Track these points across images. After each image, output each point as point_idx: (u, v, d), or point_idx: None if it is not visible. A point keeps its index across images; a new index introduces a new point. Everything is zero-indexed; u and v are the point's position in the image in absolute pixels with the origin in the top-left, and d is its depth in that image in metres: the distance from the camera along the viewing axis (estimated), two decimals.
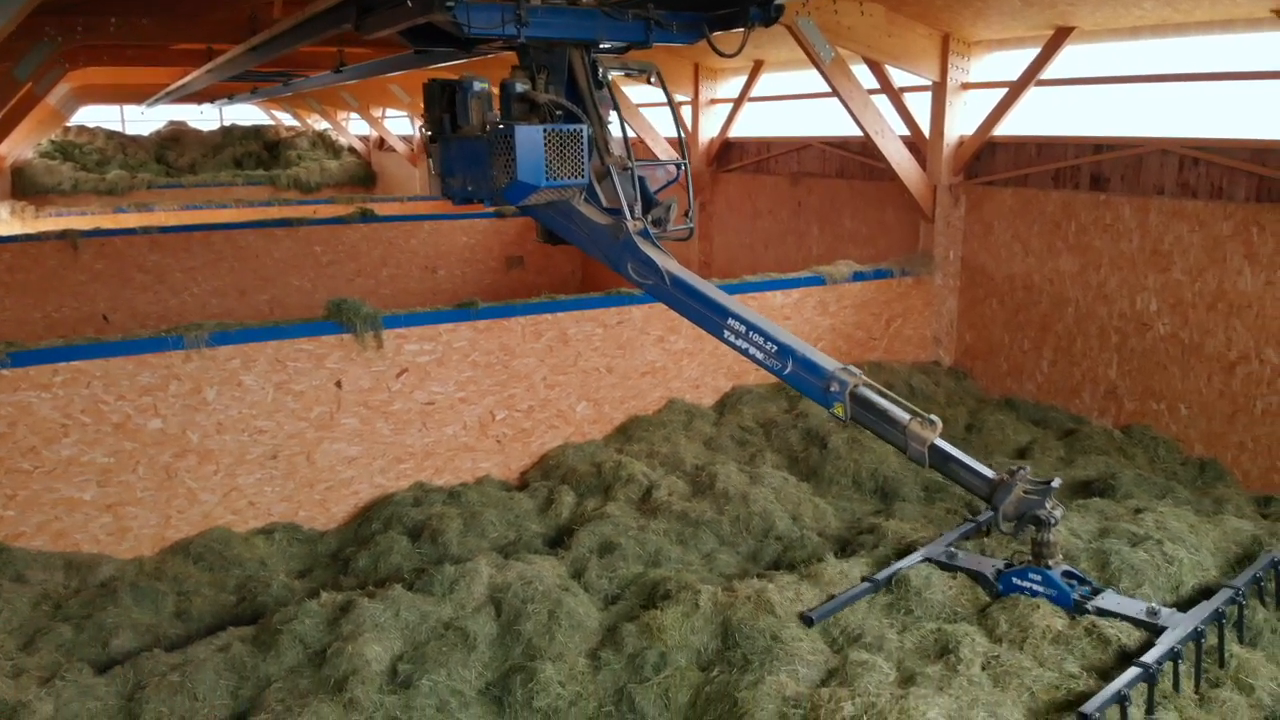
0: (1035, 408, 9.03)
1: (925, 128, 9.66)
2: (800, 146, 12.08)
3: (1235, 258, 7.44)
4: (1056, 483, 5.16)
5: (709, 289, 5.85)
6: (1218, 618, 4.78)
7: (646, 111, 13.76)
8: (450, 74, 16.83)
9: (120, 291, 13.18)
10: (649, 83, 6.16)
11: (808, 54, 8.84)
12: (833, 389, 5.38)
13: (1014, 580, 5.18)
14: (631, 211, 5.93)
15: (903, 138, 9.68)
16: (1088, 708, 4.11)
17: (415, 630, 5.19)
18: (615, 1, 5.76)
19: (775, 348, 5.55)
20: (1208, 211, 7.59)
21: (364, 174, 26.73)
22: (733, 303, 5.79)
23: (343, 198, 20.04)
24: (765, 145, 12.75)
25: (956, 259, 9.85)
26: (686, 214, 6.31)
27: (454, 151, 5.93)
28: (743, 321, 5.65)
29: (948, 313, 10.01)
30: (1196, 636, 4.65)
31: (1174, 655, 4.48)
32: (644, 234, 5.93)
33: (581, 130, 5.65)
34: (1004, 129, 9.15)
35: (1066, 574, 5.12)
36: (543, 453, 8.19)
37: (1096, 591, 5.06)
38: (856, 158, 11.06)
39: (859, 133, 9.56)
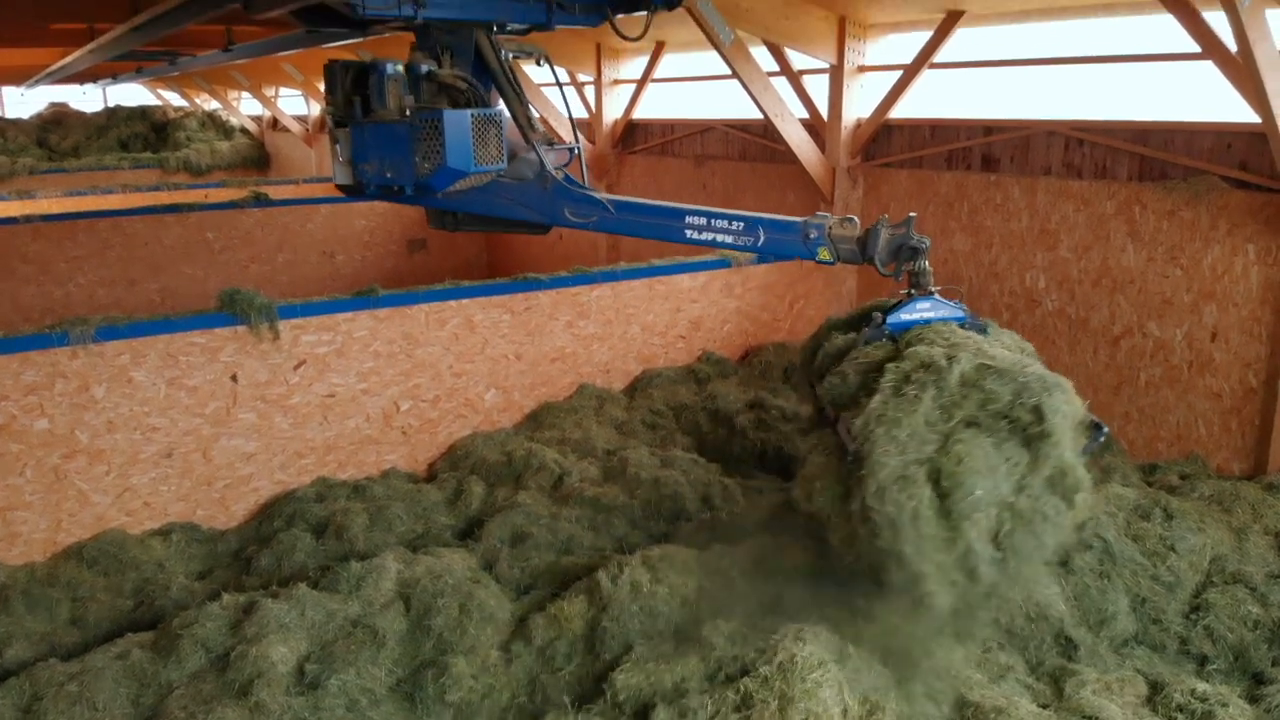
0: None
1: (824, 110, 9.80)
2: (704, 129, 12.13)
3: (1118, 235, 7.75)
4: (913, 214, 5.21)
5: (654, 202, 5.87)
6: None
7: (549, 91, 13.64)
8: (343, 53, 16.40)
9: (1, 284, 12.55)
10: (538, 64, 6.11)
11: (708, 36, 8.87)
12: (812, 236, 5.36)
13: (903, 317, 5.02)
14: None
15: (802, 120, 9.80)
16: None
17: (322, 629, 5.09)
18: None
19: (741, 225, 5.55)
20: (1092, 191, 7.89)
21: (257, 155, 25.86)
22: (682, 205, 5.79)
23: (235, 180, 19.35)
24: (669, 127, 12.77)
25: None
26: None
27: (368, 137, 5.64)
28: (700, 214, 5.65)
29: (848, 293, 10.21)
30: None
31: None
32: (568, 180, 5.89)
33: (501, 114, 5.58)
34: (899, 111, 9.34)
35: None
36: (450, 443, 8.09)
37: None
38: (758, 140, 11.16)
39: (760, 116, 9.65)
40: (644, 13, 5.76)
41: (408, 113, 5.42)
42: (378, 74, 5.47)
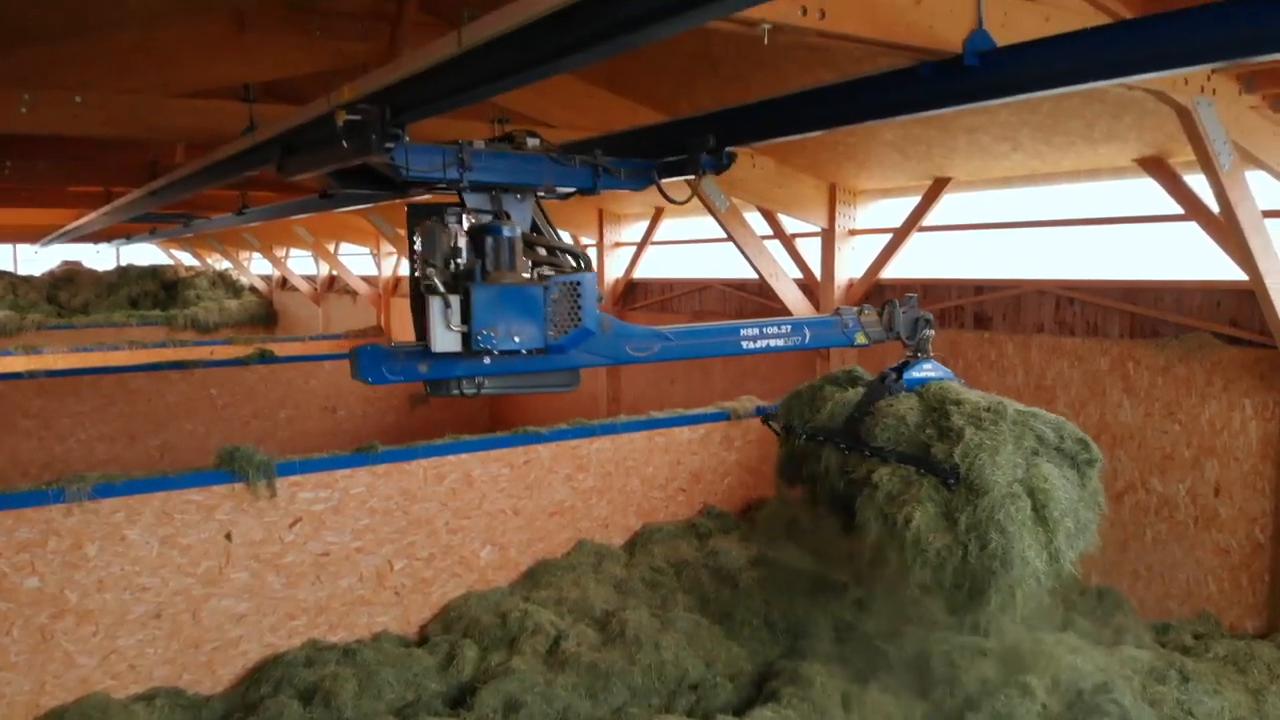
0: None
1: (817, 271, 10.05)
2: (701, 287, 12.42)
3: (1115, 391, 7.81)
4: (913, 295, 6.50)
5: (707, 324, 6.43)
6: None
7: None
8: (352, 217, 16.84)
9: (2, 439, 12.57)
10: None
11: (704, 204, 9.18)
12: (849, 325, 6.32)
13: (914, 375, 6.25)
14: None
15: (796, 280, 10.04)
16: None
17: None
18: (562, 147, 5.65)
19: (789, 328, 6.18)
20: (1085, 348, 7.99)
21: (265, 313, 26.35)
22: (734, 321, 6.34)
23: (241, 338, 19.67)
24: (669, 285, 13.08)
25: None
26: None
27: (494, 300, 5.16)
28: (752, 326, 6.12)
29: None
30: None
31: None
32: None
33: None
34: (891, 272, 9.58)
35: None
36: (444, 603, 7.90)
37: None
38: (754, 298, 11.40)
39: (755, 275, 9.89)
40: (690, 177, 5.82)
41: (535, 276, 5.28)
42: (502, 238, 5.15)
